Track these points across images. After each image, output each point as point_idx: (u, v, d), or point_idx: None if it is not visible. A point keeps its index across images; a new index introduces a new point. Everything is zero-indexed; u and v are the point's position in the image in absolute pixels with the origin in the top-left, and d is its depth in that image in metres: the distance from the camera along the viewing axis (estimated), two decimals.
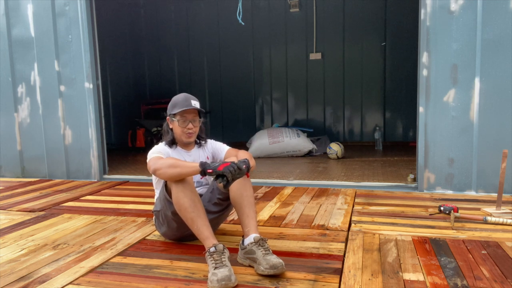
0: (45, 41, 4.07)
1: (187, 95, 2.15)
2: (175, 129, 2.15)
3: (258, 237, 1.82)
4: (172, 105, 2.15)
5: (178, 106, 2.11)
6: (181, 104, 2.10)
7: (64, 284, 1.72)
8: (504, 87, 2.96)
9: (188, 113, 2.12)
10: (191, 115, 2.13)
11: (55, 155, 4.19)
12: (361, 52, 6.33)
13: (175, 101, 2.15)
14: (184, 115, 2.11)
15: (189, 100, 2.12)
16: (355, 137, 6.57)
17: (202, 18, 7.04)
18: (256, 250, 1.78)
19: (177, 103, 2.13)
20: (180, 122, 2.12)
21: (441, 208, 2.55)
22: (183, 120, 2.11)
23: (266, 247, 1.79)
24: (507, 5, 2.90)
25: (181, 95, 2.15)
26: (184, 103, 2.10)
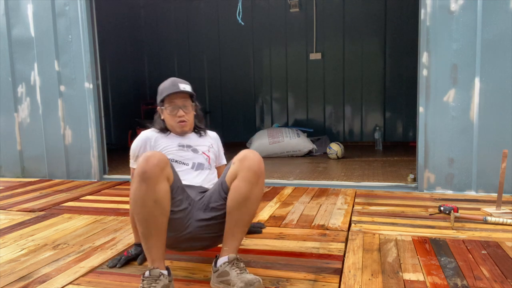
0: (45, 41, 4.07)
1: (174, 79, 1.93)
2: (166, 120, 1.92)
3: (233, 257, 1.61)
4: (159, 93, 1.93)
5: (164, 92, 1.88)
6: (168, 89, 1.88)
7: (64, 284, 1.72)
8: (504, 87, 2.96)
9: (177, 97, 1.88)
10: (180, 100, 1.89)
11: (55, 155, 4.19)
12: (361, 52, 6.33)
13: (162, 87, 1.93)
14: (173, 101, 1.87)
15: (176, 84, 1.89)
16: (355, 137, 6.57)
17: (202, 18, 7.04)
18: (230, 271, 1.57)
19: (164, 88, 1.91)
20: (169, 110, 1.88)
21: (441, 208, 2.55)
22: (172, 107, 1.87)
23: (241, 267, 1.59)
24: (507, 5, 2.90)
25: (168, 80, 1.93)
26: (171, 87, 1.87)
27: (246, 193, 1.62)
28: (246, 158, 1.65)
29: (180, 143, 1.92)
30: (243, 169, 1.63)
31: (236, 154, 1.71)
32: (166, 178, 1.56)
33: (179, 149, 1.90)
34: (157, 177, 1.50)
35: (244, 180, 1.62)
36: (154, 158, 1.51)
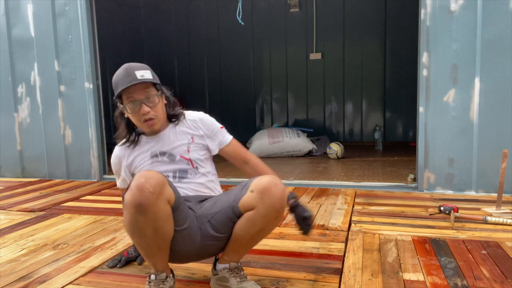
0: (45, 41, 4.07)
1: (128, 66, 1.50)
2: (131, 119, 1.57)
3: (235, 265, 1.55)
4: (114, 87, 1.53)
5: (119, 85, 1.48)
6: (122, 81, 1.47)
7: (64, 284, 1.72)
8: (504, 87, 2.96)
9: (136, 90, 1.47)
10: (140, 92, 1.48)
11: (55, 155, 4.19)
12: (361, 52, 6.33)
13: (115, 79, 1.51)
14: (131, 95, 1.48)
15: (131, 73, 1.46)
16: (355, 137, 6.57)
17: (202, 18, 7.04)
18: (230, 278, 1.53)
19: (117, 81, 1.49)
20: (130, 108, 1.50)
21: (441, 208, 2.55)
22: (132, 104, 1.49)
23: (242, 275, 1.54)
24: (507, 5, 2.90)
25: (120, 69, 1.51)
26: (125, 78, 1.46)
27: (261, 227, 1.47)
28: (269, 193, 1.40)
29: (153, 151, 1.60)
30: (264, 206, 1.40)
31: None
32: (167, 200, 1.35)
33: (153, 161, 1.59)
34: (155, 206, 1.30)
35: (262, 216, 1.42)
36: (149, 184, 1.28)
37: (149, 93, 1.50)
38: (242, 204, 1.44)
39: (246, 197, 1.44)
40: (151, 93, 1.51)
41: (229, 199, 1.50)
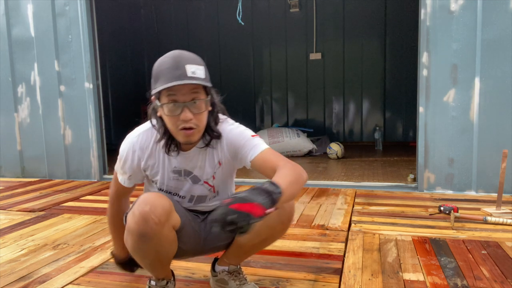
0: (45, 41, 4.07)
1: (178, 56, 1.18)
2: (165, 120, 1.24)
3: (234, 268, 1.53)
4: (154, 78, 1.21)
5: (162, 78, 1.17)
6: (167, 75, 1.15)
7: (64, 284, 1.72)
8: (504, 87, 2.96)
9: (181, 90, 1.17)
10: (186, 93, 1.17)
11: (55, 155, 4.19)
12: (361, 52, 6.33)
13: (158, 68, 1.20)
14: (174, 94, 1.17)
15: (181, 67, 1.15)
16: (355, 137, 6.57)
17: (202, 18, 7.04)
18: (229, 281, 1.51)
19: (160, 72, 1.18)
20: (168, 109, 1.19)
21: (441, 208, 2.55)
22: (173, 106, 1.18)
23: (241, 278, 1.52)
24: (507, 5, 2.90)
25: (168, 57, 1.19)
26: (173, 72, 1.15)
27: (266, 237, 1.42)
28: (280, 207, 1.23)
29: (177, 166, 1.36)
30: (272, 219, 1.26)
31: None
32: (172, 227, 1.28)
33: (173, 178, 1.38)
34: (159, 234, 1.22)
35: (269, 228, 1.35)
36: (154, 214, 1.18)
37: (197, 96, 1.19)
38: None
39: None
40: (200, 96, 1.20)
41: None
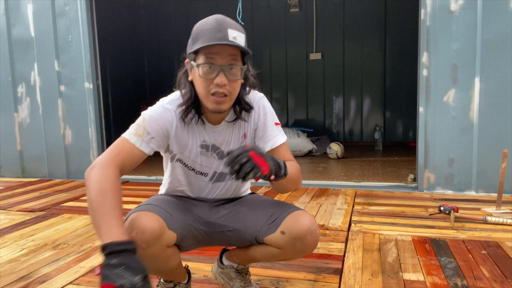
0: (45, 41, 4.07)
1: (221, 19, 1.15)
2: (196, 84, 1.19)
3: (242, 267, 1.50)
4: (193, 37, 1.18)
5: (202, 38, 1.13)
6: (208, 34, 1.12)
7: (64, 284, 1.72)
8: (504, 87, 2.96)
9: (221, 52, 1.13)
10: (225, 57, 1.13)
11: (55, 155, 4.19)
12: (361, 52, 6.33)
13: (199, 28, 1.16)
14: (213, 56, 1.13)
15: (224, 29, 1.11)
16: (355, 137, 6.57)
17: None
18: (235, 279, 1.49)
19: (202, 32, 1.14)
20: (204, 70, 1.14)
21: (441, 208, 2.55)
22: (209, 66, 1.13)
23: (247, 279, 1.50)
24: (507, 5, 2.90)
25: (211, 19, 1.16)
26: (215, 33, 1.11)
27: (280, 260, 1.37)
28: (302, 242, 1.23)
29: (206, 140, 1.29)
30: (293, 251, 1.26)
31: None
32: (165, 246, 1.19)
33: (200, 153, 1.30)
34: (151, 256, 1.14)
35: (289, 256, 1.30)
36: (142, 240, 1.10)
37: (235, 63, 1.15)
38: (268, 240, 1.28)
39: (274, 237, 1.26)
40: (237, 63, 1.16)
41: (253, 225, 1.31)
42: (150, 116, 1.22)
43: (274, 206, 1.34)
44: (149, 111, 1.23)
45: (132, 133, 1.20)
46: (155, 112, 1.23)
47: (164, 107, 1.24)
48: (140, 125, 1.20)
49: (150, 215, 1.15)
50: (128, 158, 1.17)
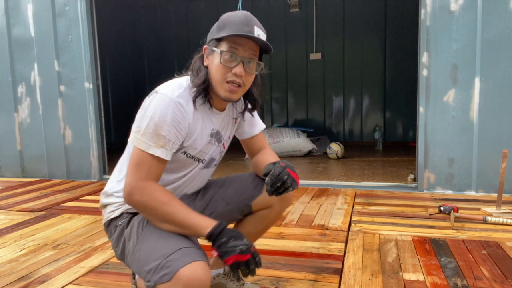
0: (45, 41, 4.07)
1: (250, 15, 1.22)
2: (212, 70, 1.22)
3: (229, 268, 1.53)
4: (219, 26, 1.22)
5: (230, 27, 1.18)
6: (236, 26, 1.17)
7: (64, 284, 1.72)
8: (504, 87, 2.96)
9: (245, 45, 1.19)
10: (248, 50, 1.20)
11: (55, 155, 4.19)
12: (361, 52, 6.33)
13: (227, 19, 1.21)
14: (237, 47, 1.18)
15: (251, 25, 1.19)
16: (355, 137, 6.57)
17: (202, 18, 7.04)
18: (227, 283, 1.49)
19: (230, 23, 1.19)
20: (226, 57, 1.18)
21: (441, 208, 2.55)
22: (230, 55, 1.18)
23: (238, 277, 1.52)
24: (507, 5, 2.90)
25: (239, 13, 1.22)
26: (243, 26, 1.17)
27: (272, 222, 1.49)
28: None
29: (214, 128, 1.32)
30: (281, 204, 1.42)
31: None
32: None
33: (207, 142, 1.31)
34: None
35: (277, 212, 1.44)
36: None
37: (254, 57, 1.22)
38: (257, 203, 1.41)
39: (263, 197, 1.39)
40: (256, 58, 1.23)
41: (236, 198, 1.41)
42: (166, 121, 1.15)
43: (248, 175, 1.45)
44: (163, 115, 1.15)
45: (153, 145, 1.15)
46: (170, 116, 1.16)
47: (176, 104, 1.17)
48: (159, 135, 1.15)
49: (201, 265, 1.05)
50: (158, 171, 1.19)
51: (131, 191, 1.14)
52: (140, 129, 1.16)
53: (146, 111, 1.17)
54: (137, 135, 1.17)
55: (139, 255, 1.15)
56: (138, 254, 1.16)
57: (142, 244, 1.16)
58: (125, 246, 1.25)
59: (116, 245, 1.29)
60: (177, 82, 1.25)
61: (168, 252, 1.06)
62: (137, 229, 1.21)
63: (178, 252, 1.06)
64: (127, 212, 1.28)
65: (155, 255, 1.08)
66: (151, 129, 1.15)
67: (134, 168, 1.15)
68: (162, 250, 1.08)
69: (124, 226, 1.26)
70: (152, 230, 1.17)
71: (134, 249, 1.18)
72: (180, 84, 1.24)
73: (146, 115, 1.16)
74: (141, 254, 1.14)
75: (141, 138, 1.16)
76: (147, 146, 1.15)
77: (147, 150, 1.15)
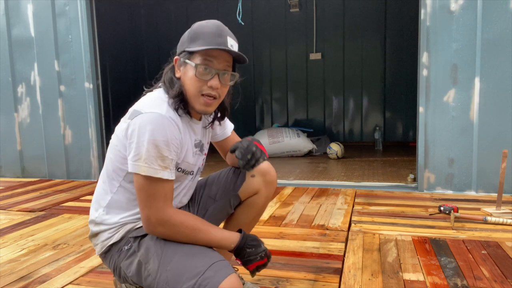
0: (45, 41, 4.07)
1: (220, 25, 1.19)
2: (186, 82, 1.19)
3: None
4: (191, 37, 1.19)
5: (202, 40, 1.15)
6: (209, 38, 1.15)
7: (64, 284, 1.72)
8: (504, 87, 2.96)
9: (219, 57, 1.17)
10: (222, 62, 1.18)
11: (55, 155, 4.19)
12: (361, 52, 6.33)
13: (198, 29, 1.18)
14: (211, 60, 1.16)
15: (224, 35, 1.16)
16: (355, 137, 6.57)
17: (202, 18, 6.98)
18: None
19: (203, 34, 1.16)
20: (200, 70, 1.15)
21: (441, 208, 2.55)
22: (205, 68, 1.16)
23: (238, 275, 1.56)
24: (507, 5, 2.90)
25: (210, 23, 1.19)
26: (216, 38, 1.15)
27: (262, 208, 1.51)
28: (270, 174, 1.45)
29: (197, 139, 1.31)
30: (267, 187, 1.46)
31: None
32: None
33: (194, 152, 1.31)
34: None
35: (265, 197, 1.47)
36: None
37: (229, 69, 1.20)
38: (243, 191, 1.45)
39: (248, 183, 1.44)
40: (230, 70, 1.21)
41: (223, 193, 1.45)
42: (166, 141, 1.11)
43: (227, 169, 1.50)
44: (161, 135, 1.10)
45: (159, 168, 1.11)
46: (169, 134, 1.12)
47: (169, 121, 1.13)
48: (162, 157, 1.11)
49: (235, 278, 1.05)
50: (172, 194, 1.17)
51: (155, 225, 1.13)
52: (140, 155, 1.10)
53: (140, 135, 1.10)
54: (138, 163, 1.10)
55: (166, 276, 1.10)
56: (165, 275, 1.10)
57: (167, 265, 1.11)
58: (141, 269, 1.18)
59: (129, 270, 1.22)
60: (156, 97, 1.20)
61: (201, 270, 1.04)
62: (155, 250, 1.16)
63: (211, 269, 1.04)
64: (131, 236, 1.23)
65: (188, 274, 1.05)
66: (153, 153, 1.10)
67: (149, 200, 1.12)
68: (193, 269, 1.05)
69: (136, 249, 1.21)
70: (173, 249, 1.14)
71: (158, 270, 1.12)
72: (161, 99, 1.19)
73: (142, 139, 1.09)
74: (169, 275, 1.09)
75: (144, 164, 1.10)
76: (154, 171, 1.10)
77: (155, 175, 1.11)
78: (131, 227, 1.24)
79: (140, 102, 1.19)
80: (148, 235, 1.20)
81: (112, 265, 1.29)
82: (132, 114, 1.16)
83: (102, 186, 1.28)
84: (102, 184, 1.28)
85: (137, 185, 1.13)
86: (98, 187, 1.30)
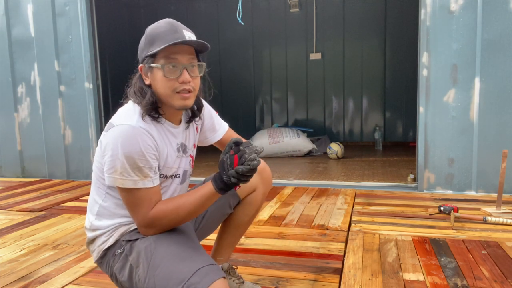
0: (45, 41, 4.07)
1: (173, 22, 1.20)
2: (158, 85, 1.19)
3: (227, 266, 1.55)
4: (148, 41, 1.20)
5: (159, 41, 1.16)
6: (165, 36, 1.15)
7: (64, 284, 1.72)
8: (504, 87, 2.96)
9: (181, 52, 1.17)
10: (185, 56, 1.18)
11: (55, 155, 4.19)
12: (361, 52, 6.33)
13: (153, 31, 1.20)
14: (174, 56, 1.16)
15: (179, 30, 1.17)
16: (355, 137, 6.57)
17: (202, 18, 7.04)
18: (228, 282, 1.51)
19: (158, 35, 1.17)
20: (167, 70, 1.16)
21: (441, 208, 2.55)
22: (172, 67, 1.16)
23: (237, 275, 1.55)
24: (507, 5, 2.90)
25: (163, 22, 1.20)
26: (172, 34, 1.15)
27: (260, 205, 1.54)
28: (265, 170, 1.49)
29: (178, 142, 1.30)
30: (264, 184, 1.49)
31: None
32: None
33: (176, 156, 1.29)
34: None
35: (263, 194, 1.51)
36: None
37: (194, 61, 1.20)
38: (241, 189, 1.46)
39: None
40: (195, 61, 1.21)
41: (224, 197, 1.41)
42: (139, 152, 1.12)
43: None
44: (133, 147, 1.12)
45: (138, 179, 1.13)
46: (141, 145, 1.13)
47: (140, 130, 1.14)
48: (138, 167, 1.13)
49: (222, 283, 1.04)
50: (158, 196, 1.19)
51: (146, 229, 1.17)
52: (116, 169, 1.12)
53: (113, 148, 1.12)
54: (114, 175, 1.13)
55: (154, 281, 1.09)
56: (153, 280, 1.09)
57: (155, 270, 1.10)
58: (132, 273, 1.18)
59: (121, 274, 1.22)
60: (128, 108, 1.22)
61: (186, 277, 1.03)
62: (145, 254, 1.14)
63: (196, 274, 1.03)
64: (124, 240, 1.23)
65: (174, 280, 1.04)
66: (128, 165, 1.12)
67: (135, 209, 1.16)
68: (179, 275, 1.04)
69: (127, 253, 1.20)
70: (162, 253, 1.12)
71: (147, 275, 1.12)
72: (132, 110, 1.21)
73: (115, 153, 1.11)
74: (157, 280, 1.08)
75: (121, 177, 1.12)
76: (133, 182, 1.13)
77: (136, 186, 1.13)
78: (124, 230, 1.25)
79: (115, 115, 1.22)
80: (139, 239, 1.20)
81: (108, 270, 1.28)
82: (107, 127, 1.19)
83: (92, 194, 1.30)
84: (92, 191, 1.30)
85: (121, 196, 1.18)
86: (90, 195, 1.32)
